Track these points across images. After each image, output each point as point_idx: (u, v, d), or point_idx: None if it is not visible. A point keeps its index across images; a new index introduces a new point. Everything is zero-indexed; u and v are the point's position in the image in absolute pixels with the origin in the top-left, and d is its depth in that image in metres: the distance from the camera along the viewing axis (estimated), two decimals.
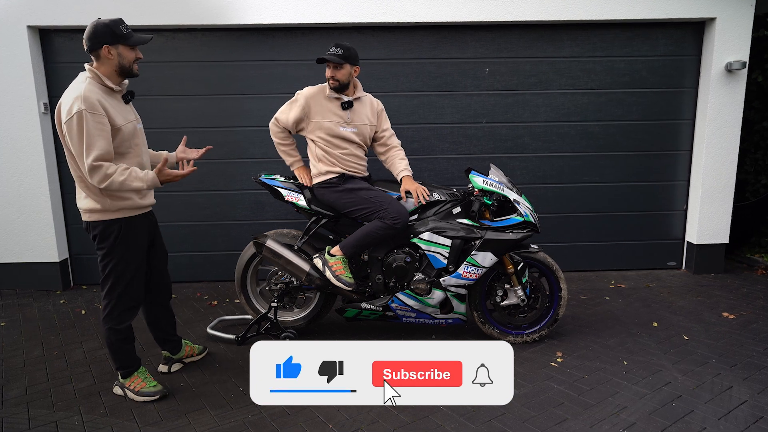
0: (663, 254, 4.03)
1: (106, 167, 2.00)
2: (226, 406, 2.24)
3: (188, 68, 3.62)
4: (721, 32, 3.60)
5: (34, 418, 2.17)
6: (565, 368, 2.53)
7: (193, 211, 3.78)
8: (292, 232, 2.87)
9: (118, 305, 2.20)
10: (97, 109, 1.99)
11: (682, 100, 3.82)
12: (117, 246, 2.14)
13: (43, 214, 3.61)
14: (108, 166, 2.01)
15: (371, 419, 2.13)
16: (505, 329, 2.80)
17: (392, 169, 2.85)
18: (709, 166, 3.77)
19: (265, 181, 2.79)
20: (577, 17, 3.54)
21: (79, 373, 2.54)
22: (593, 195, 3.91)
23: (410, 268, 2.66)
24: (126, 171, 2.04)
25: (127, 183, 2.03)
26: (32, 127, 3.50)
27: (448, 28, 3.64)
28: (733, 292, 3.54)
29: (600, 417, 2.14)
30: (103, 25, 2.05)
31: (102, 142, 2.00)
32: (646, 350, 2.70)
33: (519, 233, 2.62)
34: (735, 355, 2.63)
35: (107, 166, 2.01)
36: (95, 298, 3.57)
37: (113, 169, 2.02)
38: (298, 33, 3.62)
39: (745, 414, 2.14)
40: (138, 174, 2.06)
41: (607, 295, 3.54)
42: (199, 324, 3.09)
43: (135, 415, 2.18)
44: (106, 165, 2.01)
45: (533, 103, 3.77)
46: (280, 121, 2.74)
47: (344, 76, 2.60)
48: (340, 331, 2.99)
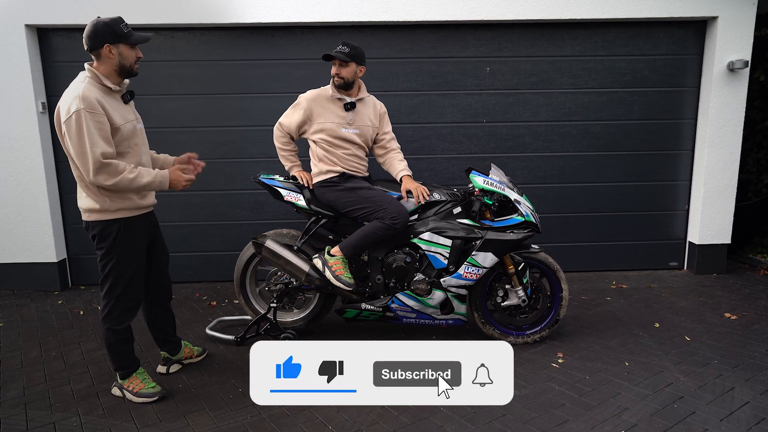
0: (665, 254, 4.02)
1: (115, 164, 2.00)
2: (225, 407, 2.23)
3: (186, 67, 3.61)
4: (723, 31, 3.59)
5: (32, 419, 2.16)
6: (566, 369, 2.52)
7: (192, 211, 3.77)
8: (291, 232, 2.86)
9: (117, 305, 2.19)
10: (95, 108, 1.98)
11: (683, 99, 3.81)
12: (116, 246, 2.14)
13: (41, 214, 3.59)
14: (117, 163, 2.01)
15: (371, 420, 2.12)
16: (506, 330, 2.79)
17: (391, 169, 2.84)
18: (711, 166, 3.76)
19: (265, 181, 2.78)
20: (579, 16, 3.53)
21: (77, 374, 2.53)
22: (594, 195, 3.90)
23: (410, 268, 2.65)
24: (135, 169, 2.05)
25: (137, 180, 2.03)
26: (30, 126, 3.49)
27: (449, 27, 3.63)
28: (735, 293, 3.53)
29: (601, 418, 2.13)
30: (104, 24, 2.04)
31: (103, 139, 1.99)
32: (648, 351, 2.69)
33: (520, 233, 2.61)
34: (737, 356, 2.62)
35: (116, 162, 2.01)
36: (93, 298, 3.56)
37: (122, 166, 2.01)
38: (297, 32, 3.61)
39: (748, 415, 2.13)
40: (146, 170, 2.07)
41: (609, 295, 3.53)
42: (198, 325, 3.08)
43: (134, 416, 2.17)
44: (115, 162, 2.00)
45: (534, 103, 3.76)
46: (283, 126, 2.75)
47: (349, 74, 2.61)
48: (340, 331, 2.98)
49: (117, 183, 2.01)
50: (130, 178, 2.01)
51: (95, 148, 1.96)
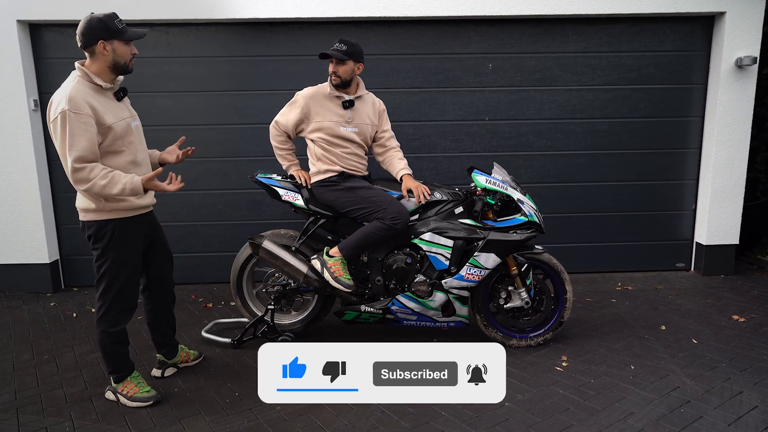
0: (671, 255, 3.99)
1: (88, 169, 1.97)
2: (221, 411, 2.21)
3: (182, 64, 3.58)
4: (731, 27, 3.55)
5: (24, 424, 2.14)
6: (571, 373, 2.50)
7: (188, 211, 3.74)
8: (289, 233, 2.84)
9: (112, 307, 2.17)
10: (82, 109, 1.96)
11: (690, 96, 3.78)
12: (111, 247, 2.12)
13: (33, 214, 3.56)
14: (91, 168, 1.98)
15: (371, 425, 2.10)
16: (509, 332, 2.77)
17: (391, 168, 2.82)
18: (718, 165, 3.73)
19: (262, 180, 2.76)
20: (583, 11, 3.50)
21: (70, 377, 2.51)
22: (599, 194, 3.87)
23: (411, 269, 2.63)
24: (108, 174, 2.00)
25: (108, 188, 2.00)
26: (22, 124, 3.46)
27: (450, 23, 3.60)
28: (743, 295, 3.51)
29: (606, 423, 2.11)
30: (98, 20, 2.02)
31: (84, 142, 1.97)
32: (654, 354, 2.67)
33: (523, 234, 2.59)
34: (745, 359, 2.60)
35: (90, 168, 1.98)
36: (87, 300, 3.54)
37: (96, 172, 1.98)
38: (295, 28, 3.58)
39: (756, 420, 2.11)
40: (120, 178, 2.02)
41: (614, 297, 3.51)
42: (194, 327, 3.06)
43: (128, 421, 2.15)
44: (89, 167, 1.98)
45: (537, 100, 3.73)
46: (280, 124, 2.72)
47: (347, 72, 2.58)
48: (339, 334, 2.95)
49: (89, 189, 1.99)
50: (101, 185, 1.98)
51: (72, 151, 1.95)
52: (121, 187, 2.00)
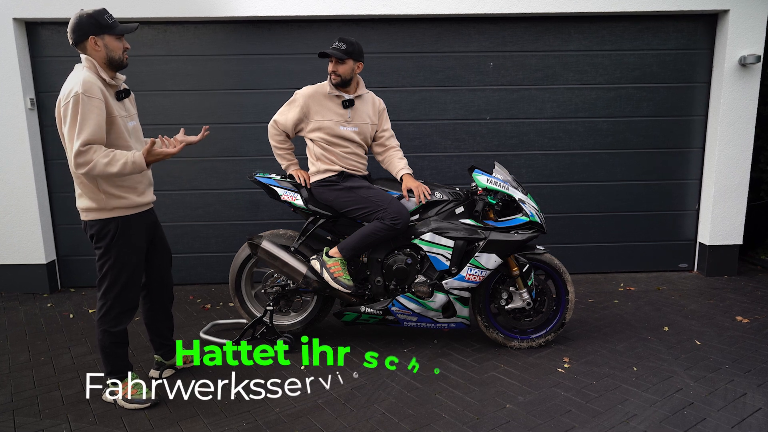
0: (674, 256, 3.97)
1: (92, 150, 1.96)
2: (219, 413, 2.20)
3: (180, 63, 3.56)
4: (734, 25, 3.53)
5: (20, 425, 2.13)
6: (573, 374, 2.48)
7: (186, 211, 3.72)
8: (288, 233, 2.83)
9: (113, 307, 2.17)
10: (95, 93, 1.98)
11: (694, 95, 3.75)
12: (113, 245, 2.12)
13: (29, 214, 3.54)
14: (95, 149, 1.97)
15: (371, 427, 2.09)
16: (510, 334, 2.75)
17: (391, 168, 2.81)
18: (722, 164, 3.70)
19: (261, 180, 2.75)
20: (586, 9, 3.48)
21: (66, 379, 2.50)
22: (601, 194, 3.85)
23: (411, 270, 2.62)
24: (110, 153, 1.99)
25: (110, 167, 1.97)
26: (18, 123, 3.44)
27: (451, 21, 3.58)
28: (747, 295, 3.49)
29: (609, 425, 2.09)
30: (87, 16, 2.03)
31: (94, 126, 1.96)
32: (657, 356, 2.65)
33: (524, 234, 2.57)
34: (749, 361, 2.58)
35: (94, 148, 1.97)
36: (83, 301, 3.52)
37: (99, 153, 1.97)
38: (294, 26, 3.56)
39: (760, 422, 2.10)
40: (121, 156, 2.00)
41: (616, 298, 3.49)
42: (192, 328, 3.04)
43: (125, 422, 2.14)
44: (94, 147, 1.97)
45: (539, 99, 3.71)
46: (278, 123, 2.70)
47: (346, 71, 2.56)
48: (339, 335, 2.93)
49: (90, 170, 1.96)
50: (103, 163, 1.96)
51: (81, 134, 1.94)
52: (122, 162, 1.98)
